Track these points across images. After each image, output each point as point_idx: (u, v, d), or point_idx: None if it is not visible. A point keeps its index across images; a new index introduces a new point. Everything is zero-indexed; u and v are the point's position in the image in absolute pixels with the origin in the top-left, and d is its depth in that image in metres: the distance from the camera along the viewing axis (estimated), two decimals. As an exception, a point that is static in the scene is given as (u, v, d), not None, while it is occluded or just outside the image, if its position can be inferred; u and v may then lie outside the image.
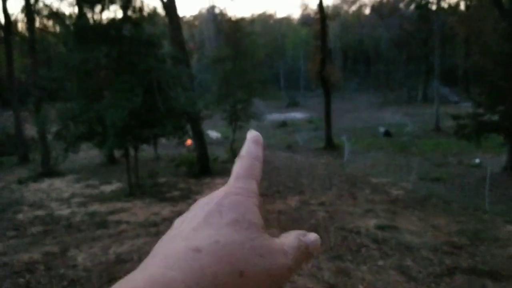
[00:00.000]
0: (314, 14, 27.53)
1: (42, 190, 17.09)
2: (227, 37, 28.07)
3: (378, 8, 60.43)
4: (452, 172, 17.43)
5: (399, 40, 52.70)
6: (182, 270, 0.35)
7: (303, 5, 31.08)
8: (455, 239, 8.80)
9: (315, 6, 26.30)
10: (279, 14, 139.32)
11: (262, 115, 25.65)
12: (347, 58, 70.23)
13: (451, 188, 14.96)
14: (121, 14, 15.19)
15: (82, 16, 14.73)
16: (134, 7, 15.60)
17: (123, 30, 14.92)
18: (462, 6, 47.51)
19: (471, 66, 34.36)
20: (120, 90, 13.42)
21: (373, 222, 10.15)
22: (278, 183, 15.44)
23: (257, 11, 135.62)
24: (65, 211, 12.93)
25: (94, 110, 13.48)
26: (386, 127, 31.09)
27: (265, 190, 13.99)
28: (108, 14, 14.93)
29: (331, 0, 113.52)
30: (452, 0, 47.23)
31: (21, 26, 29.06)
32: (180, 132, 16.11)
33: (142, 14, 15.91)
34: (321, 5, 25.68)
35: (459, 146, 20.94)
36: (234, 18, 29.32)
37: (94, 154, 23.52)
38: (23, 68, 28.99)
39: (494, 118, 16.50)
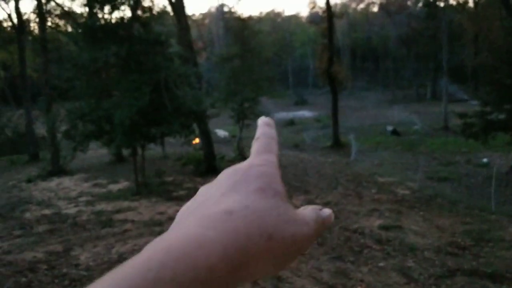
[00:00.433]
0: (322, 12, 27.43)
1: (51, 188, 17.24)
2: (235, 35, 28.03)
3: (386, 5, 60.14)
4: (459, 171, 17.34)
5: (408, 37, 52.41)
6: (217, 231, 0.36)
7: (311, 3, 31.08)
8: (459, 240, 8.77)
9: (323, 4, 26.12)
10: (288, 12, 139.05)
11: (269, 114, 25.62)
12: (356, 56, 69.93)
13: (458, 187, 14.90)
14: (130, 13, 15.30)
15: (93, 15, 14.80)
16: (144, 7, 15.71)
17: (132, 29, 15.00)
18: (471, 4, 47.19)
19: (480, 64, 34.11)
20: (128, 89, 13.51)
21: (377, 222, 10.14)
22: (284, 183, 15.32)
23: (265, 10, 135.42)
24: (72, 210, 13.04)
25: (102, 109, 13.59)
26: (395, 126, 30.95)
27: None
28: (117, 14, 15.00)
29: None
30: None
31: (33, 26, 29.30)
32: (186, 130, 16.18)
33: (152, 13, 16.01)
34: (328, 3, 25.64)
35: (468, 145, 20.80)
36: (241, 17, 29.20)
37: (103, 153, 23.65)
38: (36, 67, 29.21)
39: (501, 116, 16.41)
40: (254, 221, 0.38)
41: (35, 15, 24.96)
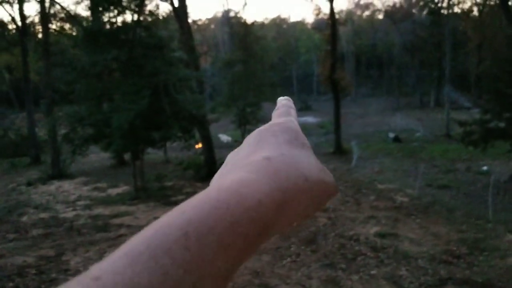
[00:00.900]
0: (327, 19, 27.41)
1: (50, 192, 17.26)
2: (239, 40, 28.11)
3: (391, 13, 60.10)
4: (459, 179, 17.24)
5: (412, 45, 52.34)
6: (259, 173, 0.39)
7: (316, 9, 31.15)
8: (454, 248, 8.71)
9: (328, 11, 26.09)
10: (293, 19, 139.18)
11: (270, 119, 25.52)
12: (360, 63, 69.84)
13: (457, 195, 14.80)
14: (131, 17, 15.35)
15: (96, 20, 14.85)
16: (147, 11, 15.77)
17: (134, 33, 15.05)
18: (476, 12, 47.11)
19: (483, 72, 34.05)
20: (127, 92, 13.52)
21: (374, 230, 10.09)
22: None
23: (271, 15, 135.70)
24: (69, 214, 13.04)
25: (101, 113, 13.62)
26: (397, 133, 30.82)
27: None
28: (121, 17, 15.10)
29: (345, 4, 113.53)
30: (465, 5, 46.95)
31: (37, 29, 29.47)
32: (187, 135, 16.18)
33: (157, 17, 16.09)
34: (332, 10, 25.62)
35: (468, 153, 20.70)
36: (245, 22, 29.26)
37: (105, 156, 23.67)
38: (39, 70, 29.39)
39: (501, 125, 16.33)
40: (291, 164, 0.42)
41: (39, 18, 25.07)
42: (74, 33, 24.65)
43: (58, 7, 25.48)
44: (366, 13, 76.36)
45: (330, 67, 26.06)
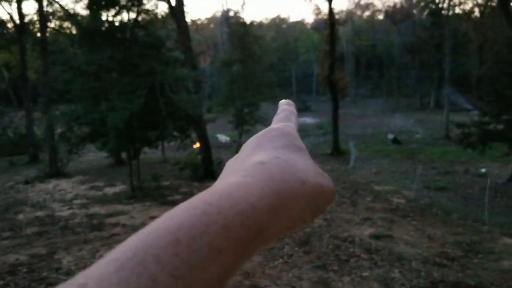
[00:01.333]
0: (326, 19, 27.37)
1: (47, 190, 17.25)
2: (237, 40, 28.08)
3: (392, 13, 60.09)
4: (457, 181, 17.22)
5: (412, 46, 52.31)
6: (253, 177, 0.38)
7: (316, 9, 31.14)
8: (449, 251, 8.68)
9: (327, 11, 26.05)
10: (293, 19, 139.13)
11: (270, 120, 25.49)
12: (360, 64, 69.79)
13: (454, 197, 14.78)
14: (129, 16, 15.30)
15: (93, 18, 14.80)
16: (145, 10, 15.74)
17: (130, 33, 15.02)
18: (477, 13, 47.06)
19: (484, 74, 34.04)
20: (123, 92, 13.50)
21: (369, 231, 10.05)
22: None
23: (271, 15, 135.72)
24: (65, 213, 13.02)
25: (97, 112, 13.58)
26: (396, 134, 30.79)
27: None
28: (119, 17, 15.06)
29: (345, 5, 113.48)
30: (466, 6, 46.88)
31: (35, 27, 29.42)
32: (183, 135, 16.15)
33: (155, 16, 16.06)
34: (330, 10, 25.59)
35: (467, 155, 20.67)
36: (243, 22, 29.22)
37: (102, 155, 23.64)
38: (37, 68, 29.36)
39: (499, 127, 16.31)
40: (287, 168, 0.41)
41: (37, 17, 25.04)
42: (72, 31, 24.62)
43: (56, 6, 25.47)
44: (366, 13, 76.38)
45: (328, 68, 26.04)
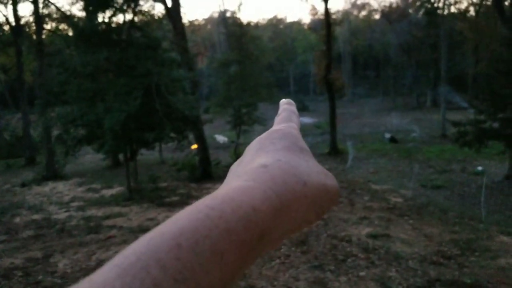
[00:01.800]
0: (322, 19, 27.36)
1: (44, 193, 17.22)
2: (235, 41, 28.03)
3: (388, 13, 60.12)
4: (454, 179, 17.23)
5: (408, 45, 52.37)
6: (256, 181, 0.39)
7: (313, 10, 31.21)
8: (446, 249, 8.68)
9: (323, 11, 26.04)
10: (290, 19, 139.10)
11: (267, 120, 25.56)
12: (357, 63, 69.81)
13: (451, 196, 14.79)
14: (125, 17, 15.29)
15: (89, 20, 14.77)
16: (142, 12, 15.74)
17: (126, 34, 15.00)
18: (472, 12, 47.13)
19: (479, 73, 34.14)
20: (119, 93, 13.48)
21: (366, 231, 10.05)
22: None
23: (268, 16, 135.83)
24: (62, 215, 12.99)
25: (93, 114, 13.56)
26: (393, 133, 30.79)
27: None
28: (115, 18, 15.06)
29: (341, 5, 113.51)
30: (461, 6, 46.96)
31: (31, 29, 29.38)
32: (180, 136, 16.14)
33: (152, 17, 16.06)
34: (326, 10, 25.59)
35: (464, 153, 20.68)
36: (240, 22, 29.16)
37: (100, 157, 23.61)
38: (34, 71, 29.30)
39: (495, 125, 16.34)
40: (288, 170, 0.42)
41: (33, 19, 25.00)
42: (69, 33, 24.58)
43: (52, 8, 25.42)
44: (363, 13, 76.42)
45: (325, 68, 26.05)
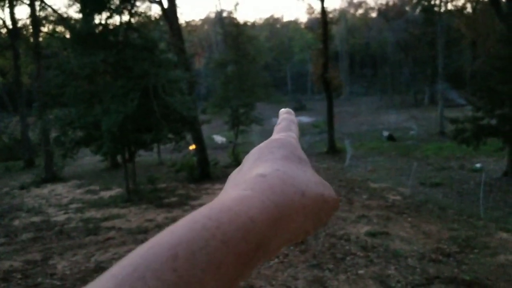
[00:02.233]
0: (319, 18, 27.36)
1: (43, 195, 17.21)
2: (231, 41, 28.03)
3: (385, 11, 60.15)
4: (452, 177, 17.25)
5: (406, 43, 52.42)
6: (254, 190, 0.39)
7: (310, 9, 31.34)
8: (445, 247, 8.68)
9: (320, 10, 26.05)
10: (287, 18, 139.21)
11: (265, 120, 25.57)
12: (354, 61, 69.95)
13: (450, 193, 14.81)
14: (122, 19, 15.26)
15: (85, 22, 14.75)
16: (139, 13, 15.72)
17: (123, 35, 14.99)
18: (469, 9, 47.16)
19: (477, 70, 34.20)
20: (116, 95, 13.47)
21: (365, 229, 10.05)
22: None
23: (264, 15, 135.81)
24: (61, 217, 12.99)
25: (91, 115, 13.55)
26: (391, 131, 30.84)
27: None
28: (112, 19, 15.07)
29: (338, 3, 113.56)
30: (458, 3, 46.99)
31: (28, 32, 29.35)
32: (178, 136, 16.13)
33: (149, 18, 16.04)
34: (323, 8, 25.60)
35: (462, 150, 20.69)
36: (237, 22, 29.16)
37: (99, 158, 23.62)
38: (31, 73, 29.29)
39: (493, 122, 16.35)
40: (287, 180, 0.42)
41: (30, 21, 25.00)
42: (66, 35, 24.57)
43: (49, 10, 25.41)
44: (360, 11, 76.50)
45: (322, 66, 26.08)
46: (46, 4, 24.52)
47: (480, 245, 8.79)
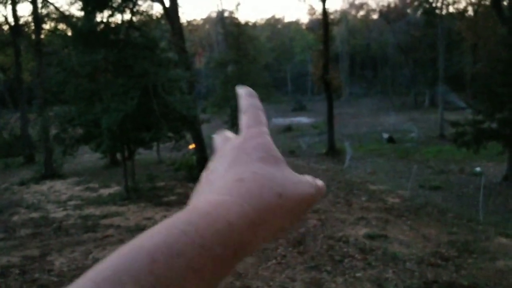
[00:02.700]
0: (320, 19, 27.37)
1: (42, 192, 17.20)
2: (232, 40, 28.04)
3: (386, 13, 60.03)
4: (452, 180, 17.25)
5: (406, 45, 52.35)
6: (231, 194, 0.39)
7: (311, 9, 31.37)
8: (443, 251, 8.67)
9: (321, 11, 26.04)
10: (288, 19, 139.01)
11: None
12: (355, 63, 69.82)
13: (449, 196, 14.81)
14: (123, 17, 15.25)
15: (87, 20, 14.73)
16: (140, 12, 15.70)
17: (124, 34, 14.98)
18: (470, 12, 47.08)
19: (477, 73, 34.18)
20: (116, 93, 13.46)
21: (363, 231, 10.03)
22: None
23: (266, 16, 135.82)
24: (59, 214, 12.98)
25: (91, 113, 13.55)
26: (391, 133, 30.79)
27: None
28: (113, 18, 15.06)
29: (339, 5, 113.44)
30: (459, 5, 46.93)
31: (30, 29, 29.31)
32: (177, 135, 16.12)
33: (150, 17, 16.03)
34: (324, 10, 25.59)
35: (462, 154, 20.65)
36: (238, 22, 29.18)
37: (98, 156, 23.57)
38: (32, 70, 29.28)
39: (493, 125, 16.34)
40: (264, 183, 0.42)
41: (32, 18, 24.97)
42: (67, 33, 24.54)
43: (51, 8, 25.36)
44: (361, 13, 76.36)
45: (322, 67, 26.06)
46: (48, 1, 24.46)
47: (479, 249, 8.78)
